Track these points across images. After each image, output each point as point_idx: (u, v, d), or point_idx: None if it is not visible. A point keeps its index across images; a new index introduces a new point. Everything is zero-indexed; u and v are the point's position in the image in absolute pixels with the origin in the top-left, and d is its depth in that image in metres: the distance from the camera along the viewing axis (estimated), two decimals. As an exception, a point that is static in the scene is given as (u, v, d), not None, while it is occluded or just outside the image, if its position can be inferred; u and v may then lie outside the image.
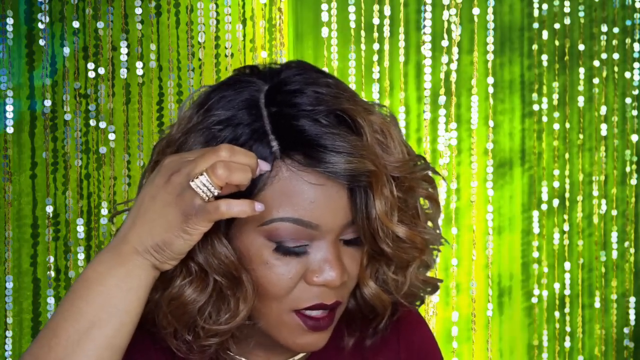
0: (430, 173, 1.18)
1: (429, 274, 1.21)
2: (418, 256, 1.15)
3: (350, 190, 1.09)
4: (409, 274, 1.17)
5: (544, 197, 2.68)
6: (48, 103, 2.33)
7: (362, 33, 2.48)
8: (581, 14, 2.67)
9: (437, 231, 1.19)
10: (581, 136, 2.71)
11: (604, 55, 2.69)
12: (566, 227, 2.71)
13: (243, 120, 1.09)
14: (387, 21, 2.49)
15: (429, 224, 1.18)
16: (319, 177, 1.07)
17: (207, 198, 1.03)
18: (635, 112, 2.72)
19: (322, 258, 1.09)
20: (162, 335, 1.13)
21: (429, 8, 2.51)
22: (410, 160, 1.13)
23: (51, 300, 2.35)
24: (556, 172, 2.69)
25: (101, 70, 2.36)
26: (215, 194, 1.03)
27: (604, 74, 2.70)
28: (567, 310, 2.71)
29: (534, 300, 2.69)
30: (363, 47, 2.48)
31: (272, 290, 1.10)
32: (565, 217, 2.71)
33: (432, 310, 2.54)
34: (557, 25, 2.66)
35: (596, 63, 2.69)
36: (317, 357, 1.23)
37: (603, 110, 2.70)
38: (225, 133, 1.09)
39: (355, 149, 1.07)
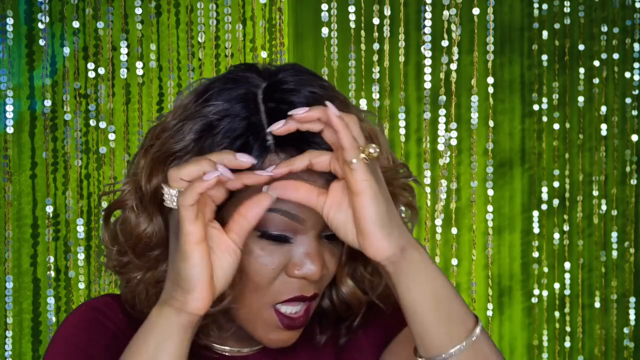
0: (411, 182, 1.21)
1: None
2: None
3: None
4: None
5: (544, 197, 2.68)
6: (48, 103, 2.33)
7: (362, 33, 2.48)
8: (581, 14, 2.67)
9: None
10: (581, 136, 2.71)
11: (604, 55, 2.69)
12: (566, 227, 2.71)
13: (240, 113, 1.11)
14: (387, 21, 2.49)
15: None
16: (310, 172, 1.10)
17: (176, 204, 1.05)
18: (635, 112, 2.72)
19: (304, 252, 1.13)
20: (142, 317, 1.14)
21: (429, 8, 2.51)
22: (395, 167, 1.16)
23: (51, 300, 2.35)
24: (556, 172, 2.69)
25: (101, 70, 2.36)
26: (176, 193, 1.04)
27: (604, 74, 2.70)
28: (567, 310, 2.71)
29: (534, 300, 2.69)
30: (363, 47, 2.48)
31: (255, 279, 1.13)
32: (565, 217, 2.71)
33: (432, 310, 2.54)
34: (557, 25, 2.66)
35: (596, 63, 2.69)
36: (288, 354, 1.24)
37: (603, 110, 2.70)
38: (223, 123, 1.11)
39: None
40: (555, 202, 2.69)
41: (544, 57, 2.65)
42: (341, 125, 1.04)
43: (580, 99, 2.69)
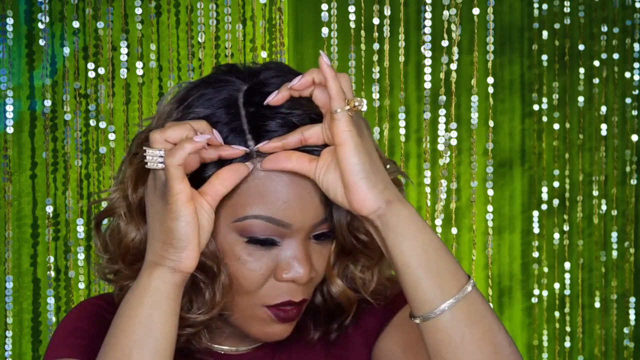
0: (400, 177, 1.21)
1: None
2: None
3: None
4: (376, 272, 1.21)
5: (544, 197, 2.68)
6: (48, 103, 2.33)
7: (362, 33, 2.48)
8: (581, 14, 2.67)
9: None
10: (581, 136, 2.71)
11: (604, 55, 2.69)
12: (566, 227, 2.71)
13: (222, 118, 1.12)
14: (387, 21, 2.49)
15: None
16: (293, 175, 1.11)
17: (161, 165, 1.07)
18: (635, 112, 2.72)
19: (291, 255, 1.13)
20: None
21: (429, 8, 2.51)
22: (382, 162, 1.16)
23: (51, 300, 2.35)
24: (556, 172, 2.69)
25: (101, 70, 2.36)
26: (162, 153, 1.06)
27: (604, 74, 2.70)
28: (567, 310, 2.71)
29: (534, 300, 2.69)
30: (363, 47, 2.48)
31: (244, 284, 1.14)
32: (565, 217, 2.71)
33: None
34: (557, 25, 2.66)
35: (596, 63, 2.69)
36: (283, 351, 1.25)
37: (603, 110, 2.70)
38: None
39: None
40: (555, 202, 2.69)
41: (544, 57, 2.65)
42: (331, 75, 1.06)
43: (580, 99, 2.69)
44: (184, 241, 1.07)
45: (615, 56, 2.70)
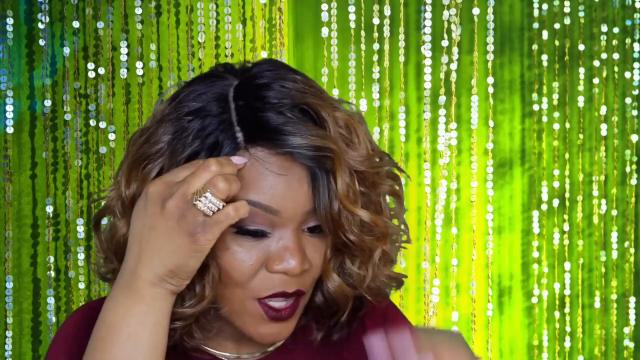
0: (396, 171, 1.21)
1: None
2: (379, 244, 1.18)
3: (312, 178, 1.12)
4: (372, 267, 1.20)
5: (544, 197, 2.68)
6: (48, 103, 2.33)
7: (362, 33, 2.48)
8: (581, 14, 2.67)
9: (403, 227, 1.22)
10: (581, 136, 2.71)
11: (604, 55, 2.69)
12: (566, 227, 2.71)
13: (212, 111, 1.13)
14: (387, 21, 2.49)
15: (395, 221, 1.21)
16: (282, 164, 1.11)
17: (212, 213, 1.07)
18: (635, 112, 2.72)
19: (282, 246, 1.13)
20: None
21: (429, 8, 2.51)
22: (375, 156, 1.16)
23: (51, 300, 2.35)
24: (556, 172, 2.69)
25: (101, 70, 2.36)
26: (221, 207, 1.07)
27: (604, 74, 2.69)
28: (567, 310, 2.71)
29: (534, 300, 2.69)
30: (363, 47, 2.48)
31: (234, 275, 1.13)
32: (565, 217, 2.71)
33: (432, 310, 2.54)
34: (557, 25, 2.66)
35: (596, 63, 2.69)
36: (286, 351, 1.25)
37: (603, 110, 2.70)
38: (194, 124, 1.12)
39: (318, 135, 1.11)
40: (555, 202, 2.69)
41: (544, 57, 2.65)
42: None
43: (580, 99, 2.69)
44: (192, 273, 1.10)
45: (615, 56, 2.70)
